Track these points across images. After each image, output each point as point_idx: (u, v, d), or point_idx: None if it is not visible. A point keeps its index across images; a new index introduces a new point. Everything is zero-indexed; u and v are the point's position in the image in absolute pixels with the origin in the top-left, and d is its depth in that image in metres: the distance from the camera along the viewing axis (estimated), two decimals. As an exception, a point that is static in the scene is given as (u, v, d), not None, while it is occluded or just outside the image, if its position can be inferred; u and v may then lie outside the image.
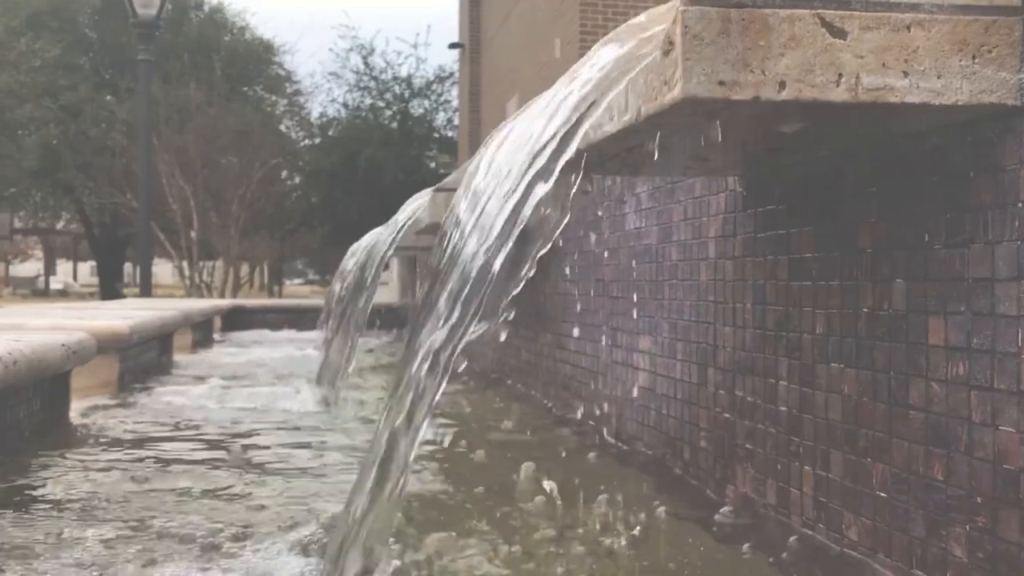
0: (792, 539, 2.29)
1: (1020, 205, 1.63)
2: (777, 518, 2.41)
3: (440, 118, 25.32)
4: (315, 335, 8.50)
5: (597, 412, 3.68)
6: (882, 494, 2.00)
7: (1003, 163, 1.66)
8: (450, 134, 24.71)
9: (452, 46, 21.34)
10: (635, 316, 3.33)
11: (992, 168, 1.68)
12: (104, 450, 3.56)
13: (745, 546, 2.31)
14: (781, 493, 2.41)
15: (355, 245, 9.60)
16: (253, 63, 24.70)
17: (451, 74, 24.27)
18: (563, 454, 3.37)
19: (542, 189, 1.64)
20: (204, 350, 8.08)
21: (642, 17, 1.65)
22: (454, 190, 4.51)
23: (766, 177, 2.49)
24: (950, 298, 1.79)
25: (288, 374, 6.26)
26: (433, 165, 25.02)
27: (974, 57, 1.60)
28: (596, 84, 1.62)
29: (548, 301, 4.65)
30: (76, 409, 4.27)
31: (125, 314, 5.59)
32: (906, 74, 1.58)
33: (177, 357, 6.90)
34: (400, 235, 4.46)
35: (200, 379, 5.79)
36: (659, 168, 2.71)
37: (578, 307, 3.91)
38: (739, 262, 2.64)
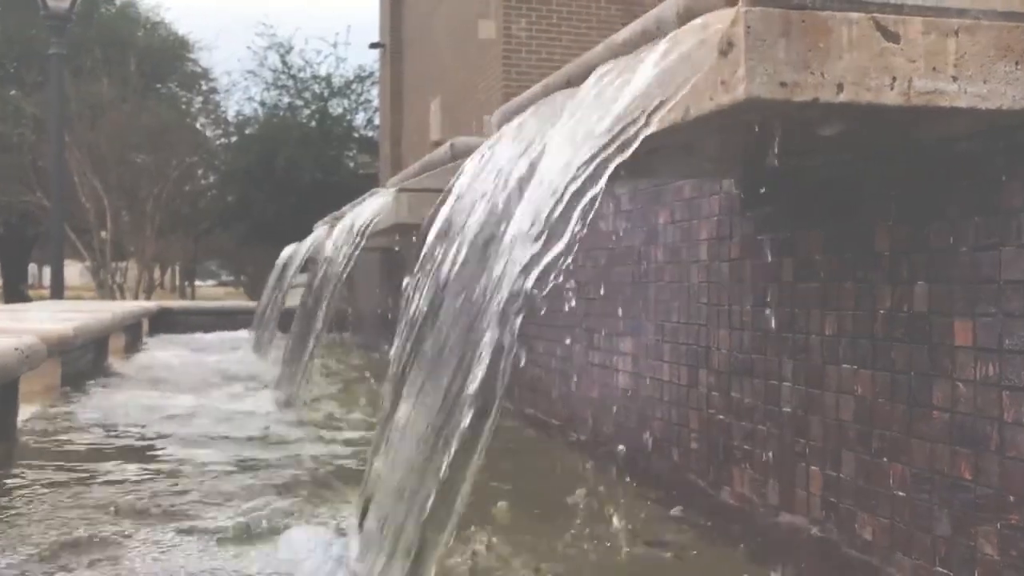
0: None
1: (1056, 209, 1.66)
2: (780, 517, 2.43)
3: (360, 118, 25.06)
4: (249, 336, 8.34)
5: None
6: (900, 493, 2.02)
7: (1039, 168, 1.69)
8: (370, 134, 24.46)
9: (373, 46, 21.12)
10: (618, 318, 3.32)
11: (1027, 172, 1.71)
12: (59, 467, 3.38)
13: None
14: (785, 493, 2.43)
15: (291, 247, 9.45)
16: (168, 59, 24.06)
17: (371, 74, 24.04)
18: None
19: (594, 189, 1.62)
20: (138, 353, 7.83)
21: (699, 20, 1.63)
22: (420, 190, 4.47)
23: (767, 180, 2.51)
24: (979, 300, 1.82)
25: (245, 376, 6.11)
26: (352, 165, 24.77)
27: (1017, 63, 1.63)
28: (658, 82, 1.60)
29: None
30: (22, 415, 4.08)
31: (61, 316, 5.37)
32: (955, 79, 1.60)
33: (111, 360, 6.67)
34: (366, 237, 4.38)
35: (150, 382, 5.62)
36: (674, 170, 2.71)
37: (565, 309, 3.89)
38: (736, 264, 2.65)
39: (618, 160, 1.62)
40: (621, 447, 3.20)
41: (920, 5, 1.59)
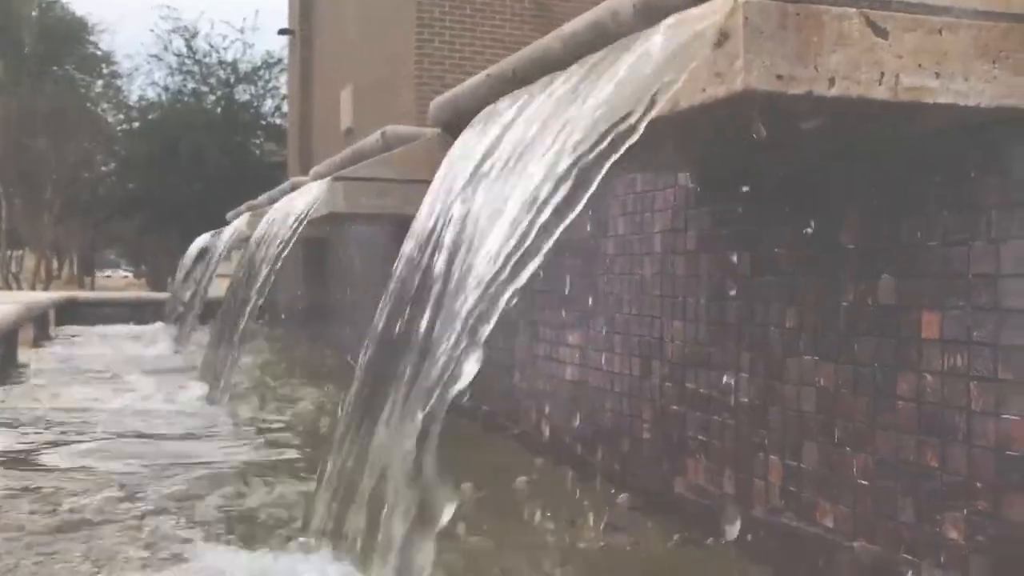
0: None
1: (1028, 205, 1.71)
2: (737, 507, 2.46)
3: (268, 105, 24.61)
4: (165, 328, 8.10)
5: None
6: (863, 482, 2.07)
7: (1012, 164, 1.74)
8: (278, 122, 24.03)
9: (282, 32, 20.71)
10: (569, 310, 3.32)
11: (999, 169, 1.76)
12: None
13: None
14: (742, 483, 2.45)
15: (205, 236, 9.22)
16: (65, 41, 23.21)
17: (280, 60, 23.60)
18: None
19: (592, 183, 1.60)
20: (48, 345, 7.53)
21: (695, 10, 1.63)
22: (356, 179, 4.39)
23: (725, 174, 2.53)
24: (948, 293, 1.87)
25: (167, 368, 5.92)
26: (258, 153, 24.32)
27: (994, 61, 1.67)
28: (656, 74, 1.58)
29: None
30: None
31: (-32, 307, 5.12)
32: (938, 75, 1.63)
33: (20, 354, 6.39)
34: (303, 225, 4.28)
35: (65, 376, 5.40)
36: (632, 164, 2.71)
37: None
38: (692, 257, 2.67)
39: (611, 160, 1.60)
40: (572, 438, 3.21)
41: (907, 2, 1.61)
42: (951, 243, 1.86)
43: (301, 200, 4.46)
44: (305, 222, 4.32)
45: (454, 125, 4.46)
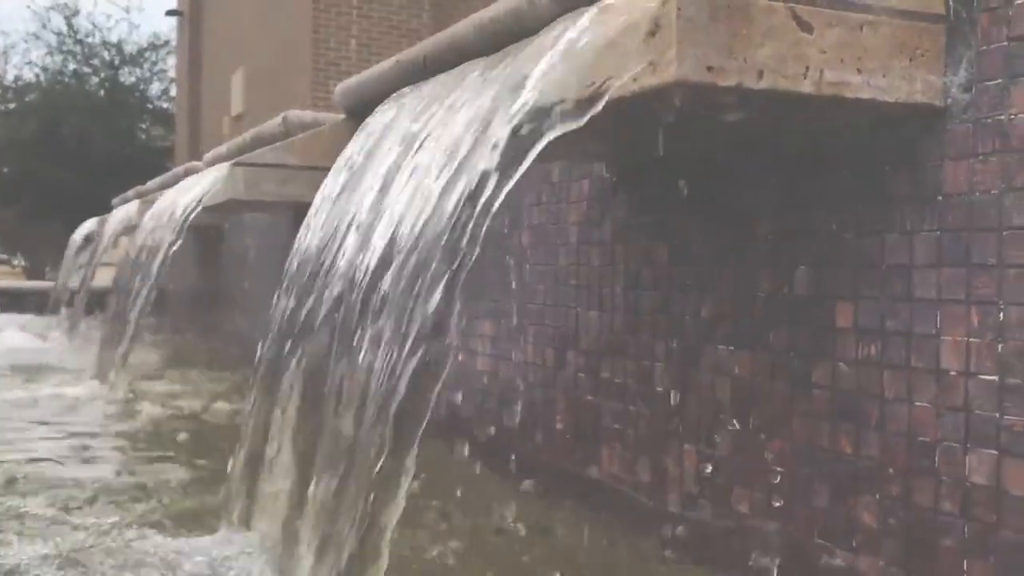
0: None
1: (940, 199, 1.77)
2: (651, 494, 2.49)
3: (155, 88, 23.81)
4: (53, 319, 7.76)
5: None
6: (778, 468, 2.11)
7: (924, 159, 1.79)
8: (165, 106, 23.30)
9: (169, 13, 20.08)
10: (480, 300, 3.30)
11: (912, 163, 1.81)
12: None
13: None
14: (656, 472, 2.48)
15: (90, 222, 8.86)
16: (-66, 15, 22.00)
17: (167, 42, 22.87)
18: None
19: (518, 169, 1.58)
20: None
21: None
22: (259, 165, 4.27)
23: (641, 165, 2.55)
24: (862, 284, 1.92)
25: (57, 364, 5.67)
26: (144, 138, 23.55)
27: (910, 59, 1.72)
28: (586, 63, 1.58)
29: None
30: None
31: None
32: (859, 71, 1.67)
33: None
34: (194, 214, 4.14)
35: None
36: (549, 154, 2.70)
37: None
38: (607, 247, 2.68)
39: (536, 149, 1.58)
40: (484, 431, 3.19)
41: (831, -3, 1.64)
42: (865, 235, 1.92)
43: (198, 186, 4.32)
44: (200, 209, 4.18)
45: (360, 111, 4.39)
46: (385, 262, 1.92)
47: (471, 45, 2.62)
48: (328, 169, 4.50)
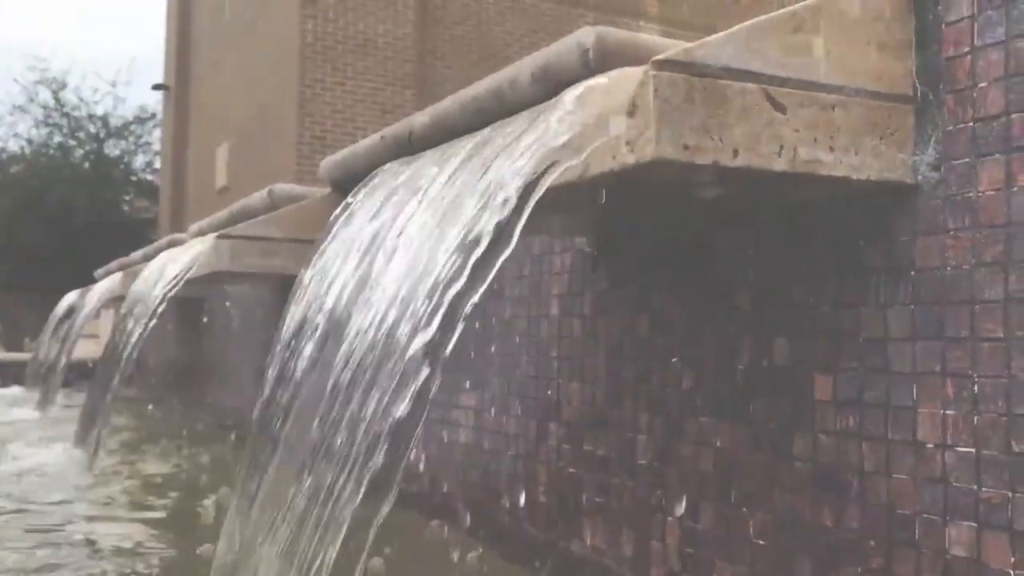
0: None
1: (913, 273, 1.81)
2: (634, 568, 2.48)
3: (139, 160, 23.97)
4: (28, 393, 7.67)
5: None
6: (760, 541, 2.11)
7: (897, 234, 1.84)
8: (150, 178, 23.43)
9: (156, 87, 20.30)
10: (462, 373, 3.31)
11: (885, 237, 1.86)
12: None
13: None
14: (639, 545, 2.47)
15: (73, 294, 8.84)
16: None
17: (153, 115, 23.08)
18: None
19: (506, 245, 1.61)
20: None
21: (602, 79, 1.67)
22: (243, 238, 4.29)
23: (621, 238, 2.59)
24: (840, 355, 1.95)
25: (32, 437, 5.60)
26: (128, 209, 23.62)
27: (881, 138, 1.78)
28: (566, 141, 1.62)
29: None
30: None
31: None
32: (832, 149, 1.72)
33: None
34: (178, 286, 4.15)
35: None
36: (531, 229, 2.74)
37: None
38: (588, 319, 2.71)
39: (518, 228, 1.62)
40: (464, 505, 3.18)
41: (803, 79, 1.70)
42: (841, 306, 1.95)
43: (182, 257, 4.34)
44: (184, 280, 4.20)
45: (345, 185, 4.45)
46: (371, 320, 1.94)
47: (454, 123, 2.68)
48: (312, 241, 4.53)
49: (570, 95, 1.72)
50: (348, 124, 12.25)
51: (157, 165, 22.01)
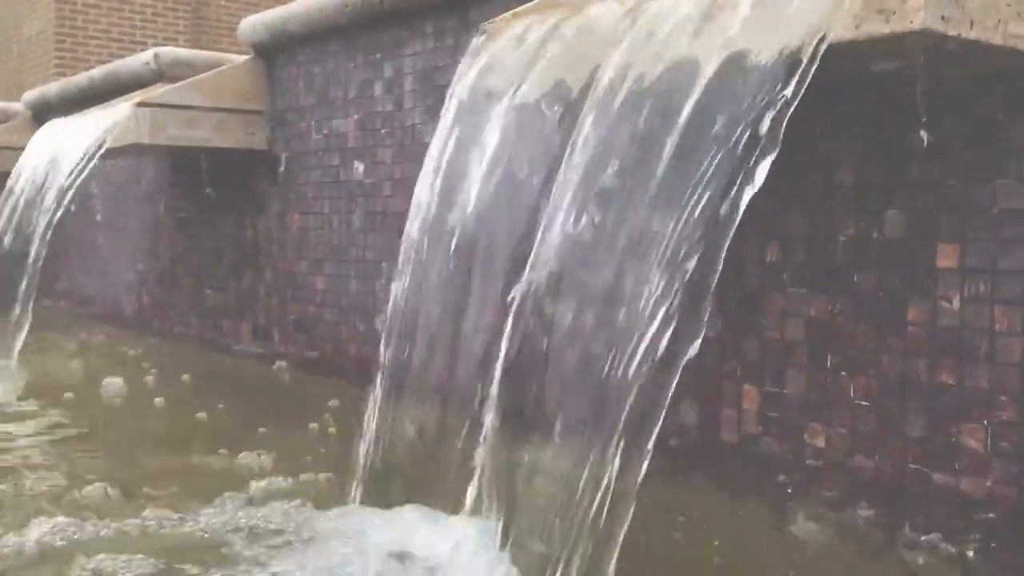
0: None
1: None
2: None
3: None
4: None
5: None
6: (863, 402, 2.23)
7: (1045, 111, 1.94)
8: None
9: None
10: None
11: (1030, 114, 1.96)
12: None
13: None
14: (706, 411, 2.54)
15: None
16: None
17: None
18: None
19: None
20: None
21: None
22: (166, 105, 3.88)
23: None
24: (968, 227, 2.06)
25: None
26: None
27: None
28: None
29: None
30: None
31: None
32: (1025, 23, 1.78)
33: None
34: (90, 165, 3.69)
35: None
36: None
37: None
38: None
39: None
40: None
41: (1012, -45, 1.73)
42: (973, 181, 2.05)
43: (87, 132, 3.86)
44: (97, 156, 3.76)
45: (271, 49, 4.11)
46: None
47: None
48: (235, 111, 4.20)
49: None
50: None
51: None
